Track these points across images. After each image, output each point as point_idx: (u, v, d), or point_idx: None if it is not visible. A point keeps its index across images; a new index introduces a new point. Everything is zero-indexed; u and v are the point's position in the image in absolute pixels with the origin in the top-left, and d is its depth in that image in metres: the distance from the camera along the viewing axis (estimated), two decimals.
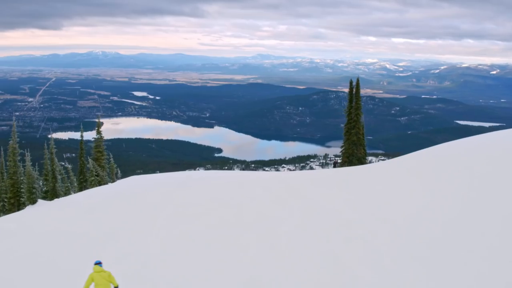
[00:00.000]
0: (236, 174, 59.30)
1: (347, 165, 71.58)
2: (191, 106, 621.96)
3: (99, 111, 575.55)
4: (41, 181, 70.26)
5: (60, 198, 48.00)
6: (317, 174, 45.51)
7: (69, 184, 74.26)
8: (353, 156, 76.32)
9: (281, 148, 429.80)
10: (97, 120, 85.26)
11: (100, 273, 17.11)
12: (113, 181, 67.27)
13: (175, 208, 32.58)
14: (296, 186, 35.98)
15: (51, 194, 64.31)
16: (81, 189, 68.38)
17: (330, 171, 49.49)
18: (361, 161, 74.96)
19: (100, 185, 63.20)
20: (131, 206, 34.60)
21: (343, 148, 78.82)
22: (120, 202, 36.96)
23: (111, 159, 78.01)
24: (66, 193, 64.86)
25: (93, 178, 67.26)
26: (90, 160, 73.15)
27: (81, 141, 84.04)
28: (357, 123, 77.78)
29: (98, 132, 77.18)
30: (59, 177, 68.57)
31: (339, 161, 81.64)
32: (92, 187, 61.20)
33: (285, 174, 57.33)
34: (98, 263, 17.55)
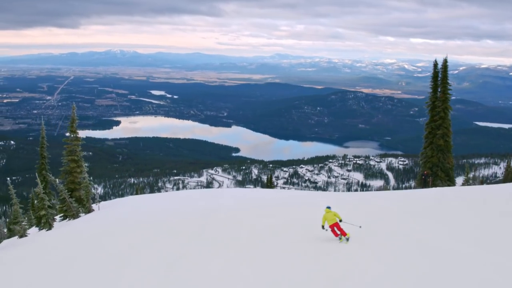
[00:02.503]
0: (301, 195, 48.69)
1: (433, 179, 57.47)
2: (209, 105, 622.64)
3: (117, 110, 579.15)
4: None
5: None
6: (419, 202, 33.19)
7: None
8: (438, 166, 58.38)
9: (299, 148, 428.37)
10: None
11: (329, 212, 23.30)
12: (86, 210, 44.00)
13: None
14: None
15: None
16: (38, 224, 44.33)
17: (433, 193, 36.99)
18: (449, 173, 59.01)
19: (69, 218, 43.13)
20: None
21: (423, 154, 60.50)
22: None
23: (85, 175, 45.53)
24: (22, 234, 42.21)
25: (48, 211, 40.79)
26: (50, 179, 50.02)
27: (41, 144, 55.34)
28: (445, 121, 59.00)
29: (72, 131, 47.88)
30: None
31: (428, 173, 58.34)
32: (45, 227, 41.18)
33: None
34: (328, 207, 23.77)
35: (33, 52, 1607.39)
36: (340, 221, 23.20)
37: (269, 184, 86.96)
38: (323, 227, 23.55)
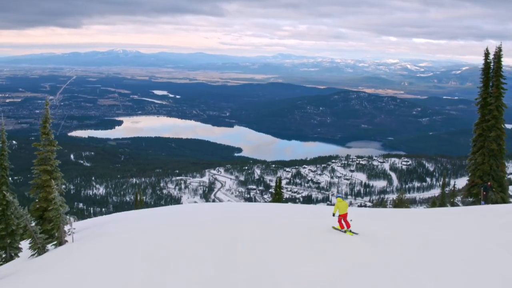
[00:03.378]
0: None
1: (485, 190, 46.39)
2: (211, 105, 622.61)
3: (119, 110, 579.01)
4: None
5: None
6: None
7: None
8: (490, 174, 50.05)
9: (301, 148, 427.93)
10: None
11: (341, 202, 25.00)
12: (57, 241, 31.85)
13: None
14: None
15: None
16: None
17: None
18: (502, 183, 50.77)
19: (32, 252, 31.77)
20: None
21: (472, 161, 52.19)
22: None
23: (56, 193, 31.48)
24: None
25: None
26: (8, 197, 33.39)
27: (0, 151, 37.72)
28: (498, 121, 50.07)
29: (45, 133, 36.25)
30: None
31: (489, 184, 46.98)
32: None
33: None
34: (339, 196, 25.88)
35: (36, 51, 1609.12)
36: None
37: (278, 190, 76.76)
38: (334, 214, 25.44)
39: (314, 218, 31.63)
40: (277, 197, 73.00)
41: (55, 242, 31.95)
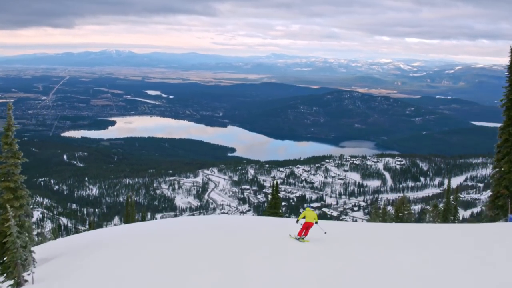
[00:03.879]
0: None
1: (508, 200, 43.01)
2: (205, 105, 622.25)
3: (113, 110, 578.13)
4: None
5: None
6: None
7: None
8: None
9: (295, 148, 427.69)
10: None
11: (310, 211, 26.36)
12: (14, 282, 25.31)
13: None
14: None
15: None
16: None
17: None
18: None
19: None
20: None
21: (497, 169, 46.80)
22: None
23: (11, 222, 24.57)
24: None
25: None
26: None
27: None
28: None
29: (7, 143, 27.33)
30: None
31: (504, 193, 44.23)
32: None
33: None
34: (310, 207, 27.00)
35: (28, 52, 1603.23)
36: (316, 222, 26.45)
37: (275, 194, 71.08)
38: (297, 221, 27.19)
39: (277, 231, 31.21)
40: (274, 202, 70.18)
41: (11, 283, 25.57)
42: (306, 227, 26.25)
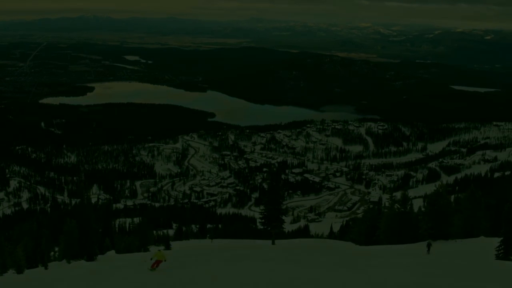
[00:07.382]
0: None
1: None
2: (184, 70, 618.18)
3: (91, 76, 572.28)
4: None
5: None
6: None
7: None
8: None
9: (275, 112, 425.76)
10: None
11: (161, 252, 33.08)
12: None
13: None
14: None
15: None
16: None
17: None
18: None
19: None
20: None
21: None
22: None
23: None
24: None
25: None
26: None
27: None
28: None
29: None
30: None
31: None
32: None
33: None
34: (160, 250, 35.78)
35: (5, 18, 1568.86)
36: (165, 260, 32.73)
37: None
38: (151, 259, 33.02)
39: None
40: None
41: None
42: (157, 262, 32.53)
